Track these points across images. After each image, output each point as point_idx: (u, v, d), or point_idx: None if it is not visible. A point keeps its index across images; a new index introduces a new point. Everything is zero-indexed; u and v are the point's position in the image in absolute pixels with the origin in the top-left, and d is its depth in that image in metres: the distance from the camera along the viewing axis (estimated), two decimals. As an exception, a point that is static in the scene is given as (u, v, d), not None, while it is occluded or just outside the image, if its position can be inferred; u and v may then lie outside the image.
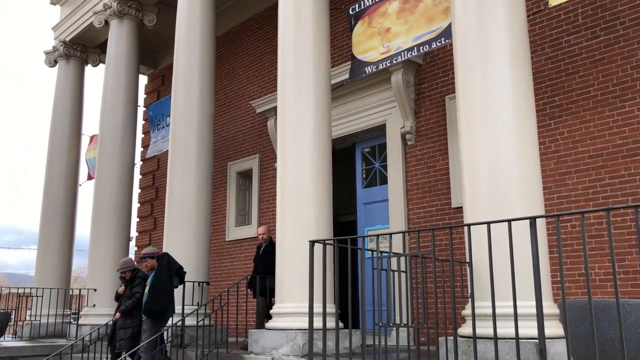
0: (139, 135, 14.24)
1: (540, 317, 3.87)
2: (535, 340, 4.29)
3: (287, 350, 6.39)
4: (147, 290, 7.34)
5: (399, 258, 4.92)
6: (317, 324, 5.19)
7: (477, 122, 5.47)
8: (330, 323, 5.31)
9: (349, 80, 8.81)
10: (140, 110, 14.05)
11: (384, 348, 5.11)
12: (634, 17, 6.93)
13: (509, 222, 4.04)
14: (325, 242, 5.07)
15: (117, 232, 11.20)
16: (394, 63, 7.90)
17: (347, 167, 10.35)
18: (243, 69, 12.54)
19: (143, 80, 15.39)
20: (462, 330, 5.14)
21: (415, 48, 7.52)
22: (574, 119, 7.26)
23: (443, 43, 7.28)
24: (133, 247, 14.37)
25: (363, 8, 8.32)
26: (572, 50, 7.43)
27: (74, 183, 13.52)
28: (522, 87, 5.48)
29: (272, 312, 6.98)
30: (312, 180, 7.04)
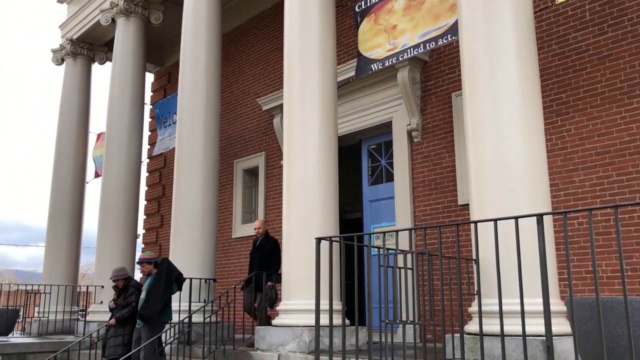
0: (146, 133, 14.28)
1: (548, 314, 3.86)
2: (543, 338, 4.28)
3: (293, 347, 6.41)
4: (143, 296, 7.22)
5: (405, 255, 4.92)
6: (323, 321, 5.21)
7: (483, 119, 5.45)
8: (337, 320, 5.32)
9: (355, 78, 8.80)
10: (147, 108, 14.09)
11: (391, 345, 5.11)
12: (642, 13, 6.88)
13: (516, 219, 4.03)
14: (332, 239, 5.07)
15: (124, 229, 11.26)
16: (400, 60, 7.88)
17: (353, 164, 10.35)
18: (249, 67, 12.56)
19: (149, 78, 15.44)
20: (468, 328, 5.14)
21: (422, 45, 7.51)
22: (581, 116, 7.23)
23: (449, 40, 7.26)
24: (140, 244, 14.45)
25: (369, 5, 8.31)
26: (579, 47, 7.40)
27: (82, 181, 13.60)
28: (529, 83, 5.46)
29: (278, 308, 6.99)
30: (318, 178, 7.05)
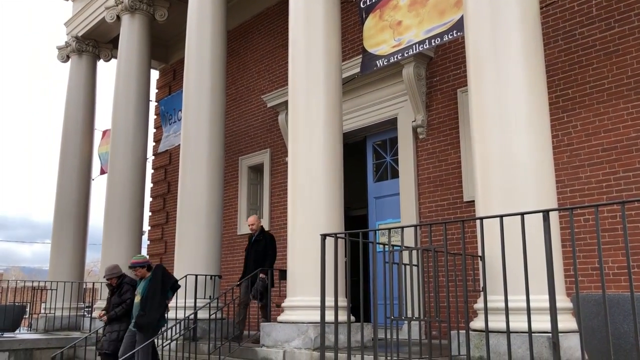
0: (151, 130, 14.30)
1: (554, 310, 3.85)
2: (548, 334, 4.27)
3: (298, 344, 6.42)
4: (138, 300, 7.11)
5: (411, 252, 4.91)
6: (328, 318, 5.21)
7: (489, 115, 5.44)
8: (342, 316, 5.32)
9: (360, 74, 8.78)
10: (152, 105, 14.11)
11: (396, 341, 5.12)
12: (649, 8, 6.84)
13: (522, 215, 4.01)
14: (337, 235, 5.07)
15: (129, 226, 11.30)
16: (406, 56, 7.86)
17: (358, 161, 10.34)
18: (254, 63, 12.55)
19: (155, 75, 15.45)
20: (474, 324, 5.13)
21: (427, 41, 7.48)
22: (588, 112, 7.19)
23: (455, 36, 7.23)
24: (145, 240, 14.48)
25: (374, 1, 8.28)
26: (585, 42, 7.35)
27: (87, 177, 13.65)
28: (535, 79, 5.43)
29: (283, 305, 7.01)
30: (323, 174, 7.05)
